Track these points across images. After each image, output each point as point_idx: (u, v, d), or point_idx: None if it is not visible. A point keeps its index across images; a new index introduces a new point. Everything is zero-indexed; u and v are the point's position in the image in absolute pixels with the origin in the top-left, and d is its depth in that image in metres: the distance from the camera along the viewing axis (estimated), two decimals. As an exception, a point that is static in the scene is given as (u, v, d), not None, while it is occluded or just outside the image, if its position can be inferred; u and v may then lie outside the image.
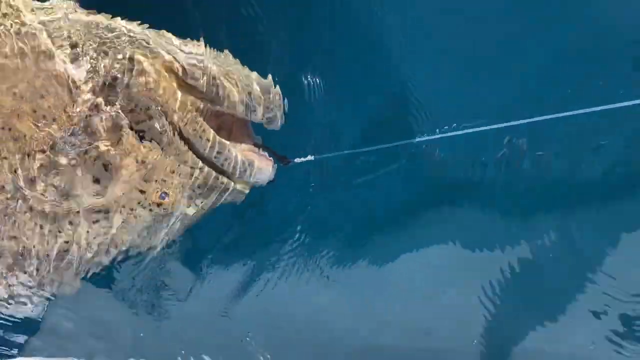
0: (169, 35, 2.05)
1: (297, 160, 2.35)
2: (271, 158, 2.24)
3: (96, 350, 2.60)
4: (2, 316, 2.38)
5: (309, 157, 2.33)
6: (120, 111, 1.91)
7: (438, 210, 2.87)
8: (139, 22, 2.08)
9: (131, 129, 1.94)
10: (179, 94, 1.97)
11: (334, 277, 2.82)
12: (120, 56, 1.94)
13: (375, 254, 2.85)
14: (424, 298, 2.85)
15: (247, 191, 2.19)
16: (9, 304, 2.20)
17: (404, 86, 2.76)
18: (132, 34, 2.00)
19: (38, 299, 2.21)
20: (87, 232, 2.01)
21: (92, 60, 1.94)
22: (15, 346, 2.55)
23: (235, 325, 2.77)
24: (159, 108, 1.92)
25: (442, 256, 2.84)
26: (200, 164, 2.03)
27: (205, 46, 2.07)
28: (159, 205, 2.03)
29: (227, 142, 2.06)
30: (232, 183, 2.12)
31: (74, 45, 1.94)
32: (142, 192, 2.00)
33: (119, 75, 1.91)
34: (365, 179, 2.79)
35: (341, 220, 2.86)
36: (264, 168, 2.17)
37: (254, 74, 2.12)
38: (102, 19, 2.02)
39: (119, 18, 2.02)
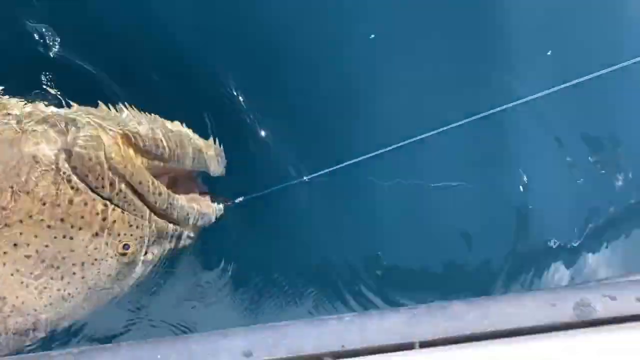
0: (125, 110, 2.47)
1: (237, 200, 2.79)
2: (214, 202, 2.67)
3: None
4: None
5: (240, 198, 2.77)
6: (84, 180, 2.29)
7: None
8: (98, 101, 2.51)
9: (96, 194, 2.32)
10: (134, 159, 2.38)
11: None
12: (82, 134, 2.32)
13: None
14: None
15: (196, 232, 2.62)
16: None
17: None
18: (91, 114, 2.41)
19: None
20: (68, 282, 2.38)
21: (59, 140, 2.32)
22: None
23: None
24: (118, 174, 2.31)
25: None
26: (154, 216, 2.43)
27: (157, 115, 2.52)
28: (123, 255, 2.41)
29: (175, 195, 2.47)
30: (182, 229, 2.54)
31: (41, 130, 2.32)
32: (107, 244, 2.38)
33: (82, 150, 2.30)
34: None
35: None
36: (208, 212, 2.60)
37: (195, 135, 2.57)
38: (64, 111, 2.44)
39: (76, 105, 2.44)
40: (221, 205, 2.70)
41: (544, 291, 1.35)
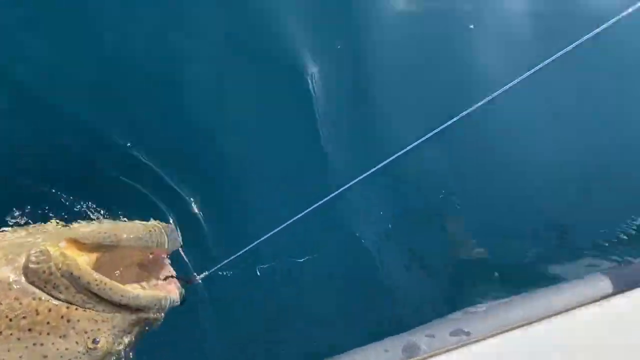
0: (66, 225, 2.73)
1: (201, 276, 2.98)
2: (176, 284, 2.87)
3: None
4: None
5: (205, 273, 2.95)
6: (43, 290, 2.54)
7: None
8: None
9: (56, 299, 2.56)
10: (84, 261, 2.61)
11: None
12: (33, 251, 2.57)
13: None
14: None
15: (162, 315, 2.82)
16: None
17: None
18: (38, 234, 2.68)
19: None
20: None
21: (16, 260, 2.57)
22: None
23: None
24: (69, 279, 2.54)
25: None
26: (114, 309, 2.65)
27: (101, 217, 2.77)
28: (94, 349, 2.63)
29: (126, 288, 2.66)
30: (146, 315, 2.74)
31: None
32: (77, 343, 2.60)
33: (36, 266, 2.54)
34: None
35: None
36: (168, 296, 2.80)
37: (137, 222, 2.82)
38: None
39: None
40: (179, 288, 2.89)
41: (377, 342, 1.49)
